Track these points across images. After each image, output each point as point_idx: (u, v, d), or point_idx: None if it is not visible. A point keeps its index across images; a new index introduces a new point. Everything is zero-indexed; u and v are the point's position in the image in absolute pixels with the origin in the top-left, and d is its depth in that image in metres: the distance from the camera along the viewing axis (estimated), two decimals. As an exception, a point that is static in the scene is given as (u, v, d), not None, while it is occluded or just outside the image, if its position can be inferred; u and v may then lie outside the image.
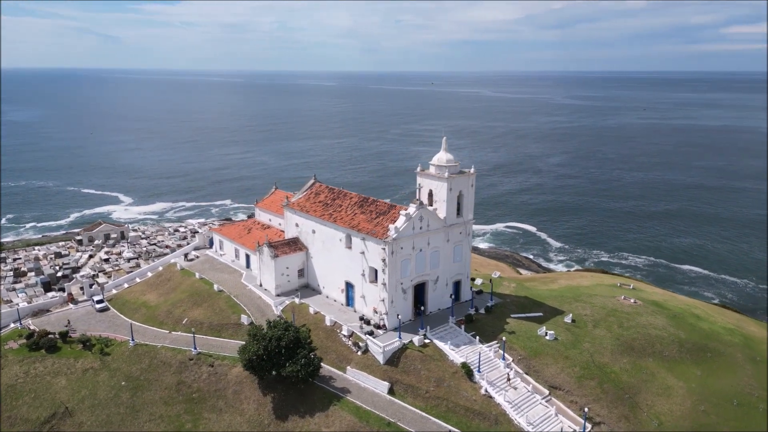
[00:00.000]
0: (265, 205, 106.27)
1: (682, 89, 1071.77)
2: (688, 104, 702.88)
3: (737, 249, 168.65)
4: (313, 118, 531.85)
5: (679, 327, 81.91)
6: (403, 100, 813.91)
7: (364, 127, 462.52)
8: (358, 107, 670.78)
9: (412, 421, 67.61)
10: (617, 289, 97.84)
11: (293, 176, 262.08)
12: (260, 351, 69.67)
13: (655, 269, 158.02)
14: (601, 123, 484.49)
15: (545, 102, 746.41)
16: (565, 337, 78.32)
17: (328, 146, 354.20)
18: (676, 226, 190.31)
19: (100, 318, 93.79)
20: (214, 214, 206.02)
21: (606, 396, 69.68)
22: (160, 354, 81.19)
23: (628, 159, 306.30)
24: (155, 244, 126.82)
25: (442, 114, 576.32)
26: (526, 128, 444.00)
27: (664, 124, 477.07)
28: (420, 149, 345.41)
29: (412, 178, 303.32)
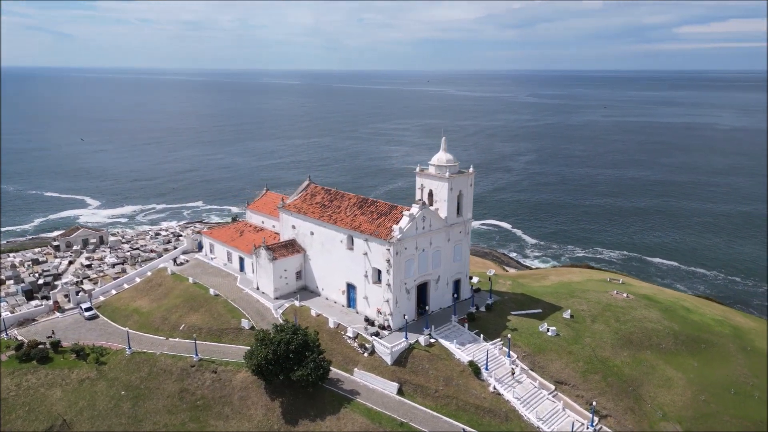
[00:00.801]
0: (257, 207, 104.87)
1: (639, 87, 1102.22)
2: (645, 102, 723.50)
3: (706, 242, 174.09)
4: (280, 117, 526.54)
5: (672, 320, 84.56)
6: (370, 98, 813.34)
7: (334, 126, 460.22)
8: (325, 106, 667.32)
9: (423, 421, 67.96)
10: (607, 284, 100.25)
11: (267, 177, 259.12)
12: (269, 355, 68.89)
13: (629, 263, 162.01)
14: (566, 121, 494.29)
15: (510, 100, 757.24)
16: (566, 333, 79.92)
17: (298, 146, 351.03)
18: (646, 220, 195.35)
19: (90, 326, 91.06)
20: (186, 217, 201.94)
21: (611, 389, 71.44)
22: (160, 361, 79.37)
23: (596, 156, 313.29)
24: (138, 248, 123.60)
25: (411, 113, 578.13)
26: (495, 126, 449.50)
27: (627, 121, 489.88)
28: (392, 148, 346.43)
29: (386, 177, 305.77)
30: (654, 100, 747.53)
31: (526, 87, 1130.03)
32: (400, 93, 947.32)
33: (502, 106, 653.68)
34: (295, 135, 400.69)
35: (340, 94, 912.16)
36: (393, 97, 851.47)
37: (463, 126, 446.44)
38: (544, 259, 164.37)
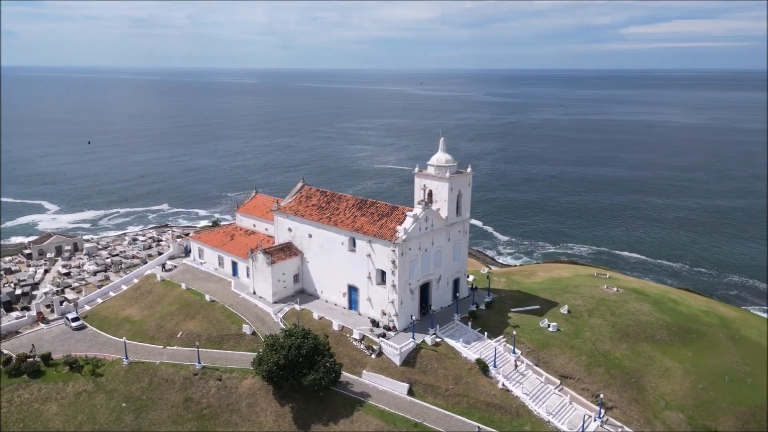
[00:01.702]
0: (248, 209, 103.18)
1: (590, 86, 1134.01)
2: (599, 100, 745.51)
3: (669, 236, 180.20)
4: (242, 118, 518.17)
5: (663, 312, 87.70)
6: (330, 97, 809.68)
7: (297, 126, 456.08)
8: (286, 106, 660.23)
9: (437, 421, 68.42)
10: (595, 278, 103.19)
11: (235, 179, 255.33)
12: (281, 361, 68.03)
13: (599, 257, 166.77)
14: (526, 119, 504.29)
15: (469, 99, 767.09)
16: (566, 328, 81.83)
17: (263, 147, 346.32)
18: (612, 216, 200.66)
19: (79, 337, 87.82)
20: (152, 221, 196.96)
21: (615, 381, 73.59)
22: (161, 371, 77.28)
23: (560, 154, 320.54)
24: (118, 254, 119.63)
25: (374, 112, 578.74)
26: (458, 126, 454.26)
27: (584, 119, 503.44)
28: (358, 148, 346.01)
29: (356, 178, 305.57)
30: (606, 99, 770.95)
31: (483, 86, 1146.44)
32: (359, 92, 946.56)
33: (462, 105, 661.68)
34: (258, 135, 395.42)
35: (299, 94, 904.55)
36: (353, 96, 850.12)
37: (428, 126, 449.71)
38: (516, 255, 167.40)
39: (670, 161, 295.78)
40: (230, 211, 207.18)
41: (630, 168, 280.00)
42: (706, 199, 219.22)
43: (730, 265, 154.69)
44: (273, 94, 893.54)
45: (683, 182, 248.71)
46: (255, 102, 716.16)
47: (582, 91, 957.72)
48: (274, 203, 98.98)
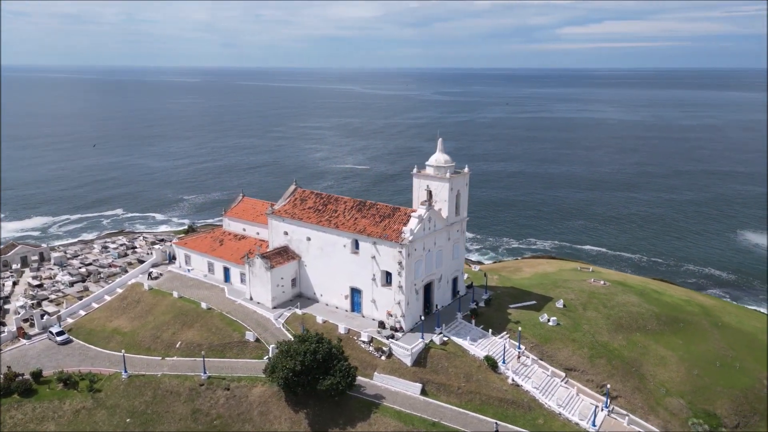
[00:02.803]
0: (236, 213, 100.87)
1: (532, 85, 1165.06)
2: (542, 99, 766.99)
3: (625, 228, 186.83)
4: (190, 118, 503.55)
5: (649, 302, 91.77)
6: (279, 97, 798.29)
7: (246, 125, 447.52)
8: (234, 105, 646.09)
9: (453, 419, 69.24)
10: (579, 272, 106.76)
11: (192, 182, 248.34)
12: (297, 367, 67.13)
13: (562, 251, 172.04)
14: (477, 118, 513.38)
15: (418, 98, 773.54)
16: (565, 322, 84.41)
17: (217, 148, 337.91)
18: (570, 211, 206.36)
19: (67, 351, 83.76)
20: (107, 226, 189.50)
21: (617, 372, 76.54)
22: (164, 383, 74.77)
23: (515, 153, 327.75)
24: (92, 263, 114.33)
25: (325, 111, 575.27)
26: (410, 125, 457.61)
27: (532, 117, 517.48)
28: (314, 147, 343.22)
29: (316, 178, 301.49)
30: (549, 97, 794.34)
31: (430, 85, 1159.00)
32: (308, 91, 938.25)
33: (413, 104, 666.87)
34: (210, 136, 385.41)
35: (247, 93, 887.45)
36: (302, 95, 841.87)
37: (382, 125, 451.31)
38: (483, 251, 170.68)
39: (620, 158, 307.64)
40: (190, 215, 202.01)
41: (583, 165, 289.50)
42: (657, 194, 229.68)
43: (684, 255, 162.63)
44: (220, 93, 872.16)
45: (634, 177, 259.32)
46: (202, 102, 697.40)
47: (526, 89, 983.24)
48: (267, 207, 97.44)
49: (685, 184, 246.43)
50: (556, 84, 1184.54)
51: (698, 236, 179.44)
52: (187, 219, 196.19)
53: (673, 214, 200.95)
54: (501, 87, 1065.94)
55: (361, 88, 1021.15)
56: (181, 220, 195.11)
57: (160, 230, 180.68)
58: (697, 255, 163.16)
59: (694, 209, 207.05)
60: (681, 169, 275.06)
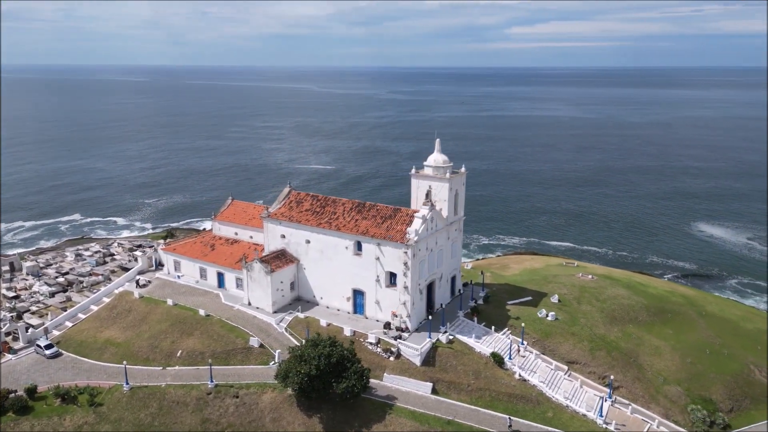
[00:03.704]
0: (227, 217, 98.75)
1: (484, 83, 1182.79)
2: (496, 97, 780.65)
3: (588, 222, 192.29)
4: (141, 118, 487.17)
5: (638, 295, 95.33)
6: (232, 96, 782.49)
7: (204, 126, 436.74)
8: (186, 105, 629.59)
9: (466, 416, 70.15)
10: (566, 267, 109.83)
11: (151, 185, 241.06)
12: (312, 371, 66.56)
13: (531, 247, 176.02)
14: (434, 117, 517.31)
15: (373, 97, 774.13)
16: (562, 316, 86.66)
17: (172, 149, 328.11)
18: (534, 207, 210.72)
19: (58, 365, 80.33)
20: (66, 233, 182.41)
21: (617, 363, 79.20)
22: (169, 394, 72.73)
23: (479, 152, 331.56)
24: (68, 272, 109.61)
25: (281, 111, 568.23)
26: (369, 124, 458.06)
27: (489, 116, 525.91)
28: (272, 147, 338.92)
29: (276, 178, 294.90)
30: (502, 95, 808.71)
31: (383, 84, 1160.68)
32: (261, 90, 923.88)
33: (368, 103, 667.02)
34: (165, 137, 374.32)
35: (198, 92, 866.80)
36: (256, 94, 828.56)
37: (341, 125, 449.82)
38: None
39: (579, 156, 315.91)
40: (153, 219, 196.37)
41: (545, 162, 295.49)
42: (616, 189, 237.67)
43: (648, 248, 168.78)
44: (171, 93, 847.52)
45: (594, 174, 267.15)
46: (153, 102, 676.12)
47: (479, 88, 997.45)
48: (260, 210, 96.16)
49: (642, 179, 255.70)
50: (507, 83, 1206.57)
51: (659, 229, 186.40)
52: (150, 223, 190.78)
53: (633, 209, 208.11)
54: (454, 86, 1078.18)
55: (317, 87, 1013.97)
56: (144, 224, 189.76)
57: (125, 235, 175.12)
58: (659, 248, 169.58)
59: (652, 204, 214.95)
60: (637, 165, 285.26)
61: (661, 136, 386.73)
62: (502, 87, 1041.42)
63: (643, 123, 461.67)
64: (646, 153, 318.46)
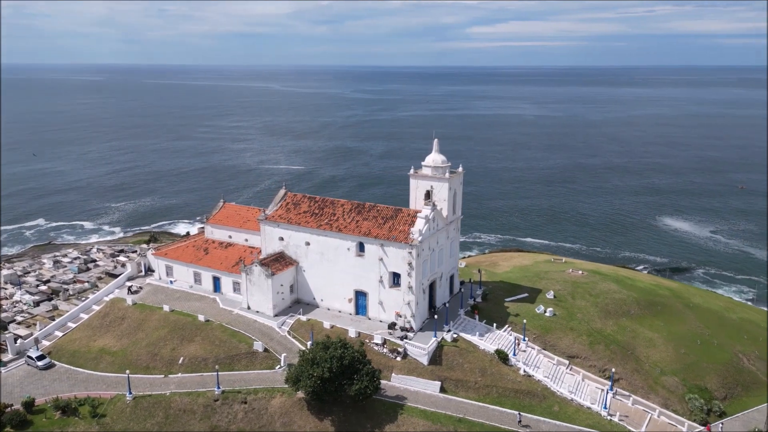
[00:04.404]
0: (220, 220, 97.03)
1: (447, 82, 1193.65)
2: (460, 96, 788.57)
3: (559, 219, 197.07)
4: (100, 119, 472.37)
5: (627, 288, 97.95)
6: (193, 95, 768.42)
7: (166, 125, 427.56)
8: (147, 105, 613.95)
9: (476, 413, 70.93)
10: (554, 264, 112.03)
11: (119, 187, 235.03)
12: (326, 374, 66.21)
13: (508, 244, 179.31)
14: (402, 116, 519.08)
15: (339, 96, 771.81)
16: (559, 312, 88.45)
17: (136, 150, 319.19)
18: (506, 204, 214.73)
19: (53, 377, 77.78)
20: (30, 239, 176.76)
21: (615, 356, 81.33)
22: (175, 402, 71.23)
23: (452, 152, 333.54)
24: (50, 280, 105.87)
25: (246, 110, 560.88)
26: (337, 123, 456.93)
27: (456, 114, 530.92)
28: (242, 147, 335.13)
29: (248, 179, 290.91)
30: (465, 95, 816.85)
31: (348, 83, 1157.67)
32: (223, 89, 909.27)
33: (335, 102, 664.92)
34: (126, 138, 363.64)
35: (158, 91, 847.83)
36: (220, 93, 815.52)
37: (312, 125, 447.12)
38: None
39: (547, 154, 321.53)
40: (123, 222, 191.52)
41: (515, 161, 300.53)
42: (585, 186, 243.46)
43: (618, 242, 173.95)
44: (129, 92, 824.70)
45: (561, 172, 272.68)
46: (112, 102, 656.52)
47: (443, 87, 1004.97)
48: (253, 212, 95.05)
49: (610, 175, 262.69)
50: (471, 82, 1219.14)
51: (628, 224, 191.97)
52: (119, 227, 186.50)
53: (603, 205, 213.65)
54: (419, 85, 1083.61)
55: (281, 86, 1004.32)
56: (113, 228, 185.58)
57: (93, 240, 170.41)
58: (629, 242, 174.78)
59: (620, 200, 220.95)
60: (604, 162, 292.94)
61: (625, 133, 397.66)
62: (466, 86, 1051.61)
63: (606, 121, 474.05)
64: (612, 150, 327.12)
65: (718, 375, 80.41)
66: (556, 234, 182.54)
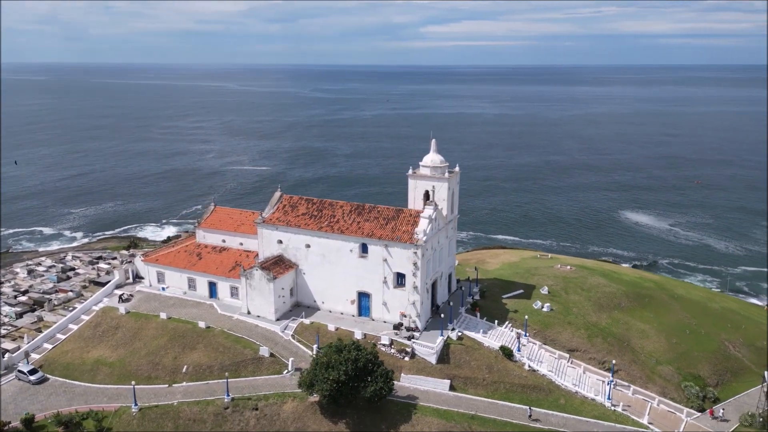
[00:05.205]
0: (213, 224, 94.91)
1: (404, 81, 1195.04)
2: (418, 95, 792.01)
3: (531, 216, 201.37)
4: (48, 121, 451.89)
5: (615, 282, 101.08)
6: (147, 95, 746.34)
7: (123, 127, 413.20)
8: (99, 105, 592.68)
9: (486, 409, 71.95)
10: (540, 259, 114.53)
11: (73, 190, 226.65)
12: (342, 377, 65.91)
13: (480, 241, 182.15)
14: (360, 115, 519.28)
15: (297, 95, 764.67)
16: (556, 307, 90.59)
17: (93, 154, 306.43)
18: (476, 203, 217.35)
19: (48, 391, 74.82)
20: None
21: (613, 348, 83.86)
22: (183, 412, 69.55)
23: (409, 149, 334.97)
24: (28, 290, 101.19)
25: (203, 110, 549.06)
26: (297, 122, 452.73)
27: (420, 114, 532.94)
28: (203, 148, 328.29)
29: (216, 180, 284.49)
30: (423, 94, 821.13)
31: (305, 82, 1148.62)
32: (178, 89, 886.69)
33: (294, 102, 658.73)
34: (81, 140, 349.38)
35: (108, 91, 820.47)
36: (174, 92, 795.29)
37: (271, 125, 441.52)
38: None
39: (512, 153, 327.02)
40: (84, 228, 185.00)
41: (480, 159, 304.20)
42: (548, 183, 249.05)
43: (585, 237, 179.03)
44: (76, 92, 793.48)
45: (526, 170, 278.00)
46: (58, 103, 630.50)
47: (401, 86, 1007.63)
48: (246, 215, 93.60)
49: (572, 172, 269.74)
50: (428, 81, 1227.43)
51: (593, 219, 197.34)
52: (81, 232, 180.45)
53: (569, 201, 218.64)
54: (377, 84, 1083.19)
55: (237, 85, 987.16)
56: (74, 234, 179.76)
57: (54, 247, 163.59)
58: (598, 237, 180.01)
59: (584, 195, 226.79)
60: (566, 160, 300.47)
61: (585, 131, 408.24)
62: (424, 85, 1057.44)
63: (564, 119, 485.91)
64: (574, 148, 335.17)
65: (708, 363, 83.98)
66: (528, 231, 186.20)
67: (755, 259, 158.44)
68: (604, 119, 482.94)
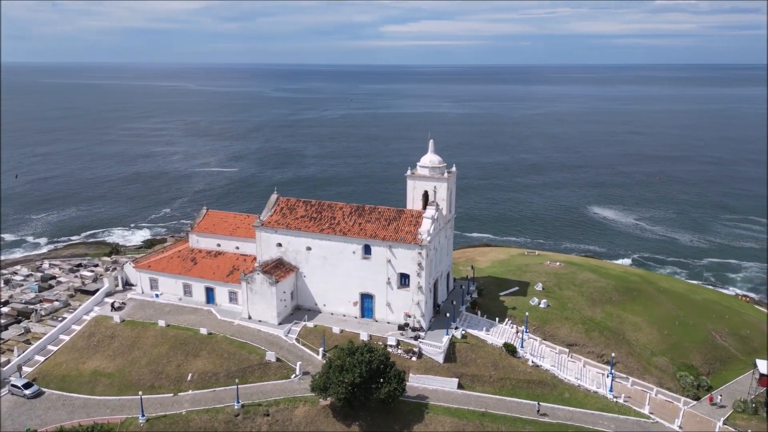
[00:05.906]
0: (206, 228, 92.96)
1: (364, 81, 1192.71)
2: (381, 94, 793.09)
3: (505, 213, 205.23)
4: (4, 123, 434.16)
5: (605, 277, 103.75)
6: (103, 95, 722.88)
7: (81, 129, 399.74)
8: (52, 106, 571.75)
9: (495, 406, 72.94)
10: (528, 256, 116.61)
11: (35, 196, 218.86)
12: (356, 379, 65.75)
13: (457, 240, 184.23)
14: (326, 115, 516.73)
15: (258, 95, 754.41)
16: (552, 303, 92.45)
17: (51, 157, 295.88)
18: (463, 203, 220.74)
19: (45, 405, 72.12)
20: None
21: (610, 341, 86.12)
22: (193, 420, 68.17)
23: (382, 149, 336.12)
24: (8, 301, 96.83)
25: (165, 110, 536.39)
26: (263, 123, 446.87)
27: (385, 113, 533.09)
28: (166, 150, 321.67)
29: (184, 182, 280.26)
30: (385, 93, 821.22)
31: (265, 81, 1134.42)
32: (133, 89, 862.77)
33: (256, 101, 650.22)
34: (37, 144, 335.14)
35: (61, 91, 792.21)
36: (129, 93, 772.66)
37: (235, 124, 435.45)
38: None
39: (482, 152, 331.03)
40: (48, 233, 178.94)
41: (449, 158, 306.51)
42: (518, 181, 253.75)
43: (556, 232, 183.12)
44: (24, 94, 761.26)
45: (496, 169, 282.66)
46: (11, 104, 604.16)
47: (363, 86, 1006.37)
48: (241, 218, 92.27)
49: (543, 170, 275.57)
50: (389, 80, 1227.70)
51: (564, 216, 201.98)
52: (45, 238, 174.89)
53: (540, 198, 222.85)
54: (338, 83, 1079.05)
55: (195, 85, 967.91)
56: (37, 240, 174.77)
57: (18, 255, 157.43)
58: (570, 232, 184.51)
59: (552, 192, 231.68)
60: (535, 158, 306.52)
61: (550, 129, 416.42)
62: (386, 84, 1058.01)
63: (527, 117, 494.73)
64: (540, 147, 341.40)
65: (699, 352, 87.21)
66: (506, 229, 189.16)
67: (718, 251, 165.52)
68: (568, 118, 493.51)
